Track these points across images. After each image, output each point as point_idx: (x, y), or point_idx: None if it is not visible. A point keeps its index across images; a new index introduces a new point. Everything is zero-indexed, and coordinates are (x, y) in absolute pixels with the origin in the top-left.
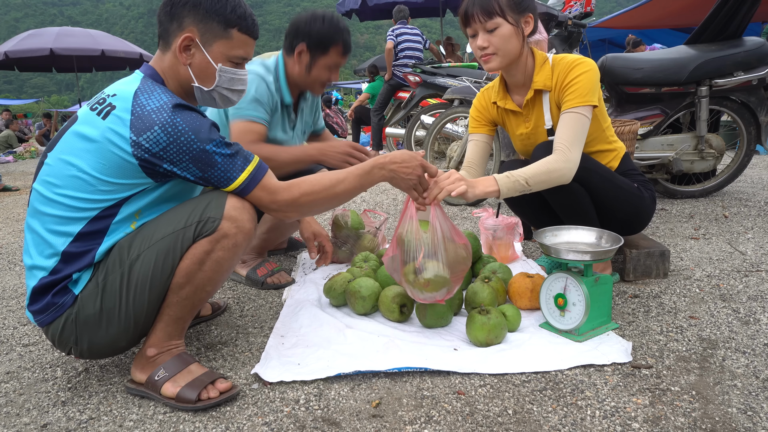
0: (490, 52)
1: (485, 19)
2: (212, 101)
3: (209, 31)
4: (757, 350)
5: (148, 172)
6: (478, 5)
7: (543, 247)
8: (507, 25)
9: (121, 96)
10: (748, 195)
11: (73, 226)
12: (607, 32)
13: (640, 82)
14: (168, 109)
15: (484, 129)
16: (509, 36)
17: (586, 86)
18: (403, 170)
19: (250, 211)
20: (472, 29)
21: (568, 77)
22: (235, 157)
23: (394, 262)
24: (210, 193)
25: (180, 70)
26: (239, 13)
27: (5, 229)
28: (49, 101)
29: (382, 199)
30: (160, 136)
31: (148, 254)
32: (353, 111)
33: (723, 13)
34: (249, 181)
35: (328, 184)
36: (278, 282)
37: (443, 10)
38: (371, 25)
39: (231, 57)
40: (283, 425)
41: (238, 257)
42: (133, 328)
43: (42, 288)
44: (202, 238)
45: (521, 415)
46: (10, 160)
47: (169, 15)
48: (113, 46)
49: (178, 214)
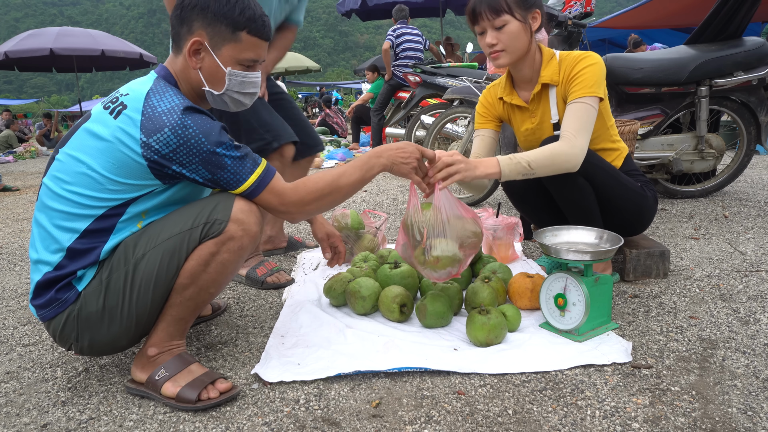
0: (499, 48)
1: (493, 17)
2: (224, 104)
3: (218, 34)
4: (757, 350)
5: (157, 173)
6: (485, 3)
7: (543, 247)
8: (515, 22)
9: (134, 96)
10: (748, 195)
11: (80, 223)
12: (607, 32)
13: (640, 82)
14: (178, 111)
15: (491, 124)
16: (517, 32)
17: (592, 78)
18: (401, 156)
19: (257, 214)
20: (480, 27)
21: (574, 69)
22: (244, 160)
23: (406, 249)
24: (218, 195)
25: (191, 74)
26: (248, 16)
27: (5, 229)
28: (49, 101)
29: (382, 199)
30: (170, 138)
31: (153, 254)
32: (353, 109)
33: (723, 13)
34: (258, 184)
35: (330, 179)
36: (278, 281)
37: (443, 10)
38: (371, 25)
39: (241, 60)
40: (283, 425)
41: (242, 260)
42: (134, 327)
43: (46, 283)
44: (208, 239)
45: (521, 415)
46: (10, 160)
47: (179, 18)
48: (113, 46)
49: (185, 215)
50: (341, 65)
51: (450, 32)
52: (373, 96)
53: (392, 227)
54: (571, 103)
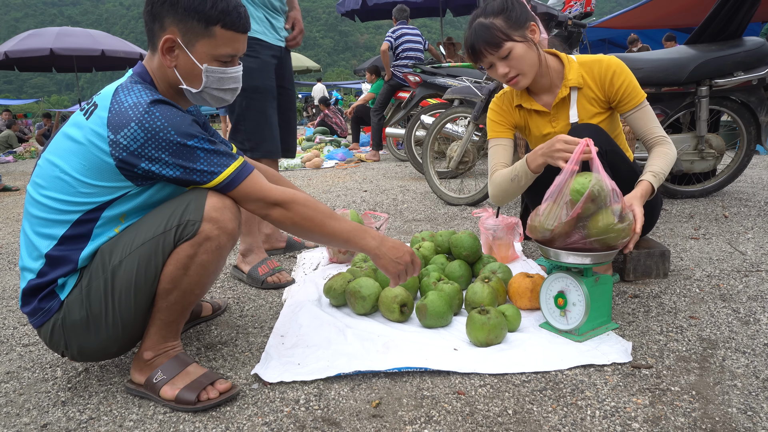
0: (513, 75)
1: (495, 50)
2: (204, 102)
3: (190, 30)
4: (757, 350)
5: (127, 174)
6: (482, 40)
7: (542, 249)
8: (518, 45)
9: (104, 94)
10: (748, 195)
11: (57, 229)
12: (607, 32)
13: (640, 82)
14: (145, 104)
15: (509, 133)
16: (525, 53)
17: (634, 81)
18: (393, 253)
19: (233, 209)
20: (486, 62)
21: (615, 79)
22: (218, 153)
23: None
24: (189, 193)
25: (167, 72)
26: (221, 9)
27: (5, 229)
28: (49, 101)
29: (382, 199)
30: (137, 133)
31: (129, 260)
32: (353, 109)
33: (723, 13)
34: (234, 176)
35: (325, 211)
36: (278, 281)
37: (443, 10)
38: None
39: (217, 56)
40: (283, 425)
41: (224, 258)
42: (122, 334)
43: (30, 290)
44: (183, 242)
45: (521, 415)
46: (10, 160)
47: (150, 14)
48: (113, 46)
49: (157, 218)
50: (341, 65)
51: (450, 32)
52: (374, 96)
53: (392, 227)
54: (637, 110)
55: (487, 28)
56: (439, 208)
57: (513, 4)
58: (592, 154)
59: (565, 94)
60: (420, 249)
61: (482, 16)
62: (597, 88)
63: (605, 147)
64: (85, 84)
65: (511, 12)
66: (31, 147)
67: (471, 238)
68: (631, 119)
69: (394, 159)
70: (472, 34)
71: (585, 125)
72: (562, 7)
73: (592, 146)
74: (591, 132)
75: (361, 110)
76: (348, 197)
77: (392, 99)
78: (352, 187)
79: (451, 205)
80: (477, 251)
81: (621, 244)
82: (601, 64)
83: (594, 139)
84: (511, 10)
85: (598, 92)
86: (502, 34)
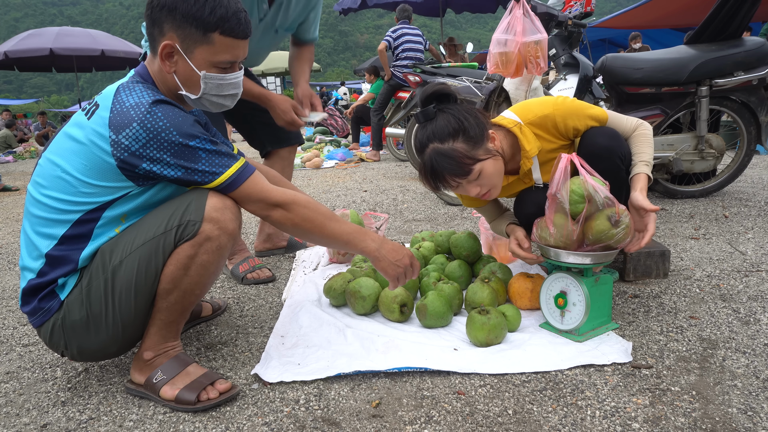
0: (485, 191)
1: (464, 178)
2: (204, 107)
3: (189, 37)
4: (757, 350)
5: (128, 174)
6: (446, 171)
7: (542, 249)
8: (483, 163)
9: (105, 94)
10: (748, 195)
11: (57, 229)
12: (607, 32)
13: (640, 82)
14: (146, 104)
15: (483, 201)
16: (492, 167)
17: (584, 112)
18: (392, 255)
19: (233, 209)
20: (456, 190)
21: (569, 124)
22: (220, 154)
23: (560, 227)
24: (190, 193)
25: (167, 77)
26: (220, 15)
27: (5, 229)
28: (49, 101)
29: (382, 199)
30: (140, 133)
31: (129, 260)
32: (353, 109)
33: (723, 13)
34: (236, 177)
35: (325, 213)
36: (257, 278)
37: (443, 10)
38: (371, 25)
39: (216, 63)
40: (283, 425)
41: (224, 258)
42: (122, 334)
43: (30, 290)
44: (183, 242)
45: (521, 415)
46: (10, 160)
47: (150, 19)
48: (113, 46)
49: (158, 218)
50: (341, 65)
51: (450, 32)
52: (374, 96)
53: (392, 227)
54: (592, 127)
55: (449, 156)
56: (439, 208)
57: (468, 120)
58: (578, 166)
59: (529, 166)
60: (420, 249)
61: (436, 141)
62: (554, 137)
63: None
64: (84, 84)
65: (468, 131)
66: (31, 147)
67: (471, 238)
68: (604, 127)
69: (394, 159)
70: (431, 163)
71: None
72: (562, 7)
73: (575, 159)
74: (605, 144)
75: (361, 110)
76: (348, 197)
77: (392, 99)
78: (352, 187)
79: (451, 205)
80: (477, 251)
81: (621, 245)
82: (547, 119)
83: (610, 149)
84: (468, 128)
85: (557, 139)
86: (468, 159)
